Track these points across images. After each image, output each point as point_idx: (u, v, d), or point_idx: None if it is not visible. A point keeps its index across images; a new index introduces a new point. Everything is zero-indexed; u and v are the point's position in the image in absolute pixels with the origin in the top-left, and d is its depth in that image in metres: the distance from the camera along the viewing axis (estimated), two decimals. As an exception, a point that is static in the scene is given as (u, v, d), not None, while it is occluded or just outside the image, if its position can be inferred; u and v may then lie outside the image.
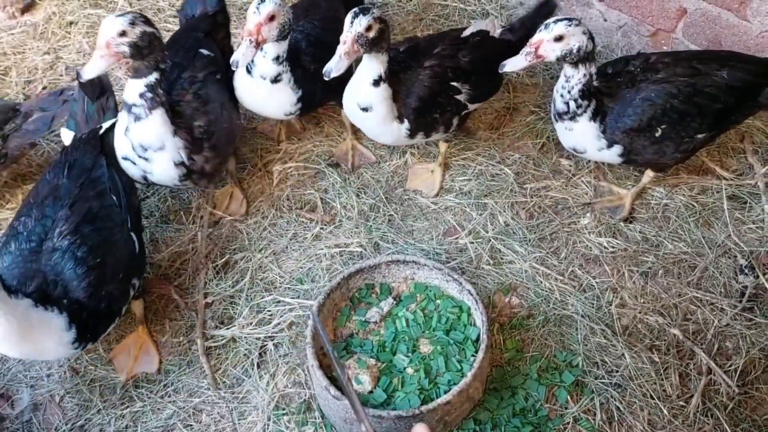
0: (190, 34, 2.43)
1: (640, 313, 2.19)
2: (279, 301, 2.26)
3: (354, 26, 1.92)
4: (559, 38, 1.97)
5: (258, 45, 2.05)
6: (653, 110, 2.10)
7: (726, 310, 2.18)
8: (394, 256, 2.16)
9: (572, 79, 2.07)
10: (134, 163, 2.09)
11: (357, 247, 2.38)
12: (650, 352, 2.09)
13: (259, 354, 2.15)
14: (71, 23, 3.20)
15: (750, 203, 2.44)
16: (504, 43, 2.39)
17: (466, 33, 2.36)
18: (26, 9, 3.31)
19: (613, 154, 2.20)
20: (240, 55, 2.03)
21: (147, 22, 1.95)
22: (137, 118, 2.02)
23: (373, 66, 2.06)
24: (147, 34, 1.92)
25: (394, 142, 2.40)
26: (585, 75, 2.06)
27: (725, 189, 2.47)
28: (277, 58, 2.19)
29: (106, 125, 2.10)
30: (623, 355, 2.08)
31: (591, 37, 2.01)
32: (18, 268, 1.83)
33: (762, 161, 2.54)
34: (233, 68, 2.08)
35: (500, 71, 2.07)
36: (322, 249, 2.38)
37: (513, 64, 2.03)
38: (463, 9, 3.16)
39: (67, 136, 2.16)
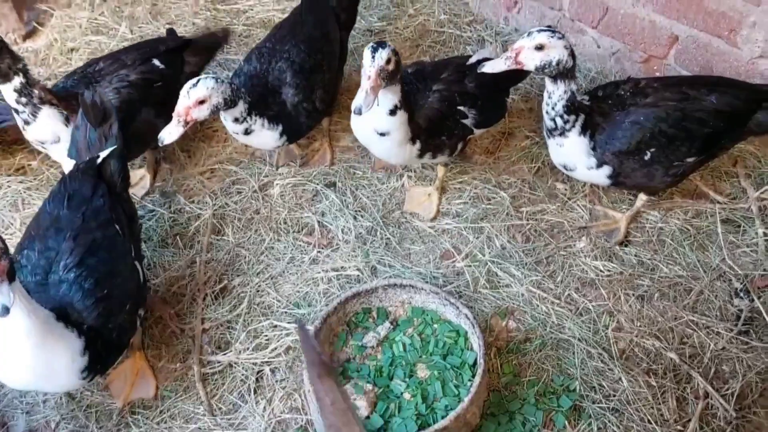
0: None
1: (636, 336, 2.19)
2: (276, 326, 2.26)
3: (376, 60, 1.95)
4: (539, 47, 2.00)
5: (186, 124, 2.06)
6: (642, 134, 2.13)
7: (722, 334, 2.19)
8: (391, 279, 2.17)
9: (554, 96, 2.10)
10: None
11: (354, 271, 2.39)
12: (647, 376, 2.09)
13: (256, 379, 2.14)
14: (72, 50, 3.24)
15: (744, 227, 2.46)
16: (507, 70, 2.42)
17: (471, 60, 2.40)
18: (28, 35, 3.36)
19: (602, 175, 2.22)
20: (167, 134, 2.05)
21: None
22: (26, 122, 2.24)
23: (388, 97, 2.08)
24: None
25: (402, 162, 2.44)
26: (566, 91, 2.08)
27: (719, 213, 2.49)
28: (236, 119, 2.23)
29: (104, 153, 2.08)
30: (620, 379, 2.08)
31: (572, 54, 2.03)
32: None
33: (755, 185, 2.57)
34: (159, 144, 2.08)
35: (478, 71, 2.11)
36: (319, 273, 2.39)
37: (492, 66, 2.07)
38: (459, 36, 3.21)
39: (68, 165, 2.12)
